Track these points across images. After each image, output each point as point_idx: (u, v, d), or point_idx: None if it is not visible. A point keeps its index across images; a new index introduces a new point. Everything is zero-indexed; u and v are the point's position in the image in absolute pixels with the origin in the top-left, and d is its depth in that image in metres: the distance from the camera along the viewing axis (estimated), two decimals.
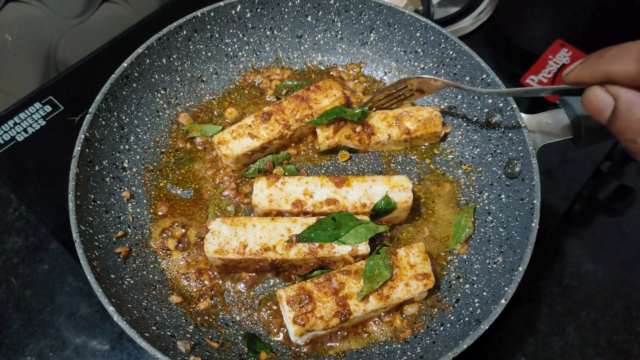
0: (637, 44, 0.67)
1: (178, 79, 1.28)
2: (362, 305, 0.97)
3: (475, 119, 1.22)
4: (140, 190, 1.17)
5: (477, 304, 1.00)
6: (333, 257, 1.01)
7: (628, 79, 0.68)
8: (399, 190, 1.08)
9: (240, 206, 1.18)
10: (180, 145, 1.25)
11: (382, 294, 0.98)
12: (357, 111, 1.16)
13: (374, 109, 1.23)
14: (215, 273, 1.09)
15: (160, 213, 1.16)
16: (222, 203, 1.17)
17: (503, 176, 1.14)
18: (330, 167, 1.23)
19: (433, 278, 1.02)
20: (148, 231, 1.13)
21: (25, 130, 1.39)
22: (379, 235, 1.06)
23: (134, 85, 1.19)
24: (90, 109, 1.09)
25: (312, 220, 1.03)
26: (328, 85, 1.23)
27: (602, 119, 0.73)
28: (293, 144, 1.25)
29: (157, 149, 1.23)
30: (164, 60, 1.24)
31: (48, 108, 1.43)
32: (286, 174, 1.19)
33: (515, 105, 1.11)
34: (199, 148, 1.25)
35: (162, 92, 1.25)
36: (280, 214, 1.08)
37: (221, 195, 1.18)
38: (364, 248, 1.02)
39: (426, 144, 1.26)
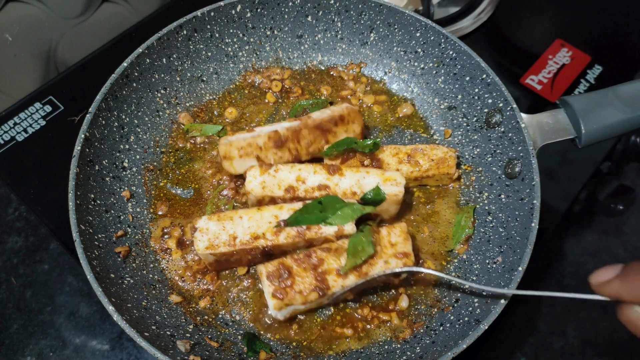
0: None
1: (178, 78, 1.28)
2: (340, 280, 0.98)
3: (475, 119, 1.22)
4: (140, 190, 1.17)
5: (476, 304, 1.00)
6: (321, 237, 1.03)
7: None
8: (391, 184, 1.07)
9: (239, 206, 1.18)
10: (180, 145, 1.25)
11: (361, 270, 0.99)
12: (368, 142, 1.13)
13: None
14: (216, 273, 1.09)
15: (160, 213, 1.16)
16: (220, 202, 1.17)
17: (503, 176, 1.14)
18: None
19: (413, 257, 1.02)
20: (148, 231, 1.13)
21: (25, 130, 1.39)
22: (364, 219, 1.07)
23: (134, 85, 1.19)
24: (90, 109, 1.09)
25: (298, 205, 1.04)
26: (352, 119, 1.17)
27: None
28: None
29: (157, 149, 1.23)
30: (164, 60, 1.24)
31: (48, 108, 1.43)
32: None
33: (515, 105, 1.11)
34: (199, 147, 1.25)
35: (162, 91, 1.25)
36: (273, 200, 1.09)
37: (220, 194, 1.18)
38: (350, 228, 1.03)
39: (437, 184, 1.21)
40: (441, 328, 1.01)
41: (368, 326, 1.05)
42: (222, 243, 1.01)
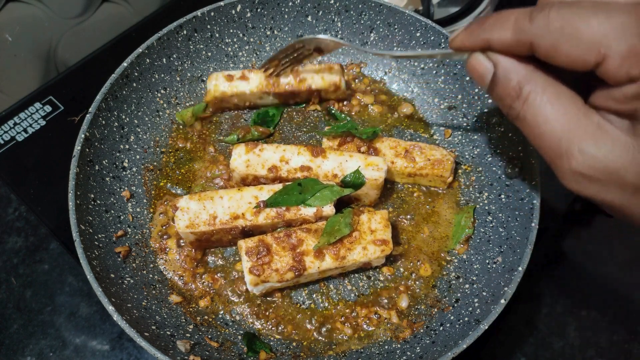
0: (513, 12, 0.67)
1: (178, 78, 1.28)
2: (317, 262, 1.00)
3: (475, 119, 1.22)
4: (140, 190, 1.17)
5: (476, 304, 1.00)
6: (300, 218, 1.04)
7: (505, 46, 0.68)
8: (372, 168, 1.08)
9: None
10: (180, 145, 1.25)
11: (339, 253, 1.00)
12: (368, 129, 1.15)
13: (272, 72, 1.21)
14: (219, 274, 1.10)
15: (159, 212, 1.16)
16: (208, 188, 1.18)
17: (503, 176, 1.14)
18: None
19: (391, 245, 1.03)
20: (148, 231, 1.13)
21: (25, 130, 1.39)
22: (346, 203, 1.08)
23: (134, 84, 1.19)
24: (90, 109, 1.09)
25: (278, 186, 1.06)
26: (328, 68, 1.23)
27: (484, 85, 0.74)
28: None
29: (157, 149, 1.23)
30: (164, 59, 1.24)
31: (48, 108, 1.43)
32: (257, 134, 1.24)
33: None
34: (199, 146, 1.25)
35: (162, 91, 1.25)
36: (256, 179, 1.11)
37: (212, 181, 1.19)
38: (329, 209, 1.04)
39: (431, 186, 1.21)
40: (441, 328, 1.01)
41: (369, 327, 1.05)
42: (202, 222, 1.02)
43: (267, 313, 1.06)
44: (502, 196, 1.13)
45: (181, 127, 1.27)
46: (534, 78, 0.67)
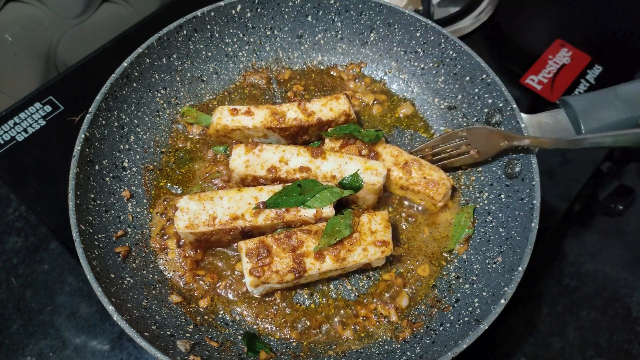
0: None
1: (178, 78, 1.28)
2: (317, 264, 0.99)
3: (475, 119, 1.22)
4: (140, 190, 1.17)
5: (476, 304, 1.00)
6: (300, 220, 1.04)
7: None
8: (371, 173, 1.08)
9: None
10: (180, 145, 1.25)
11: (339, 255, 1.00)
12: (371, 133, 1.14)
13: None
14: (219, 274, 1.10)
15: (159, 212, 1.16)
16: (207, 189, 1.18)
17: (503, 176, 1.14)
18: None
19: (392, 246, 1.03)
20: (148, 231, 1.13)
21: (25, 130, 1.39)
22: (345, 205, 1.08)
23: (134, 84, 1.19)
24: (90, 109, 1.09)
25: (278, 187, 1.05)
26: (335, 98, 1.18)
27: None
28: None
29: (157, 149, 1.23)
30: (164, 59, 1.24)
31: (48, 108, 1.43)
32: None
33: (515, 105, 1.11)
34: (197, 146, 1.25)
35: (162, 91, 1.25)
36: (255, 179, 1.10)
37: (211, 182, 1.19)
38: (328, 210, 1.04)
39: (421, 203, 1.18)
40: (441, 328, 1.01)
41: (369, 327, 1.05)
42: (202, 223, 1.02)
43: (267, 313, 1.06)
44: (502, 196, 1.13)
45: (181, 127, 1.27)
46: None
